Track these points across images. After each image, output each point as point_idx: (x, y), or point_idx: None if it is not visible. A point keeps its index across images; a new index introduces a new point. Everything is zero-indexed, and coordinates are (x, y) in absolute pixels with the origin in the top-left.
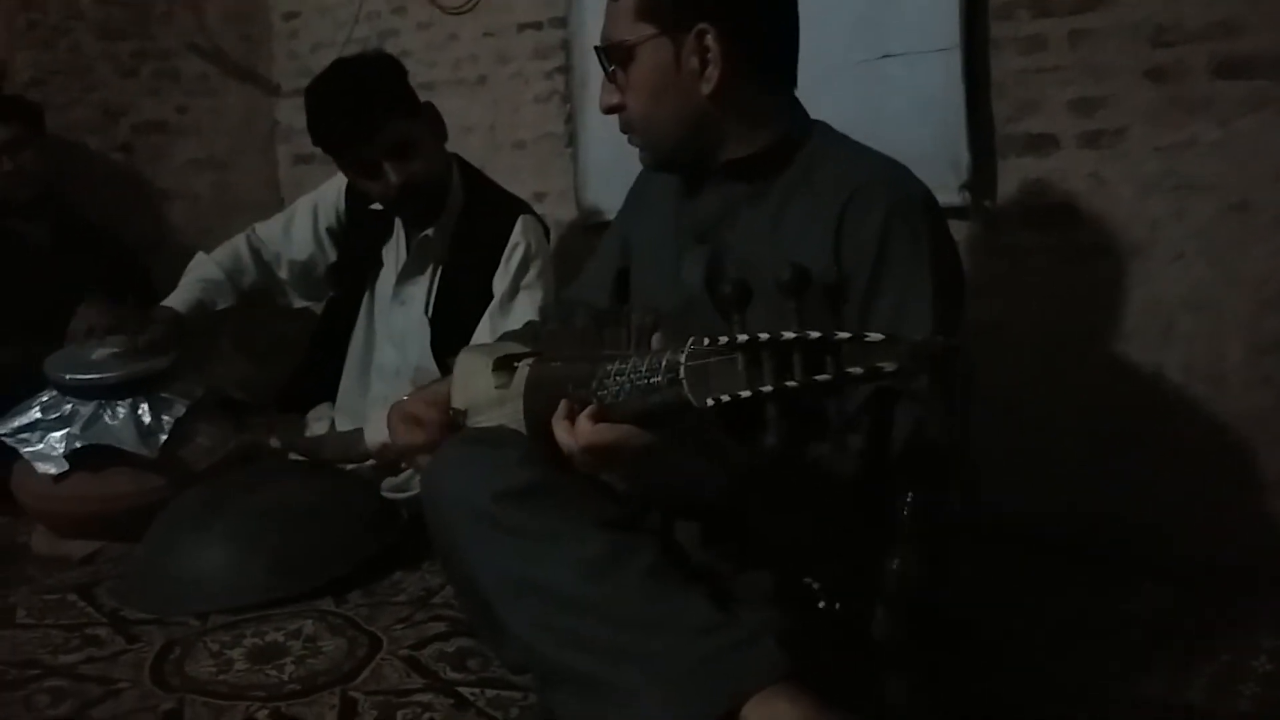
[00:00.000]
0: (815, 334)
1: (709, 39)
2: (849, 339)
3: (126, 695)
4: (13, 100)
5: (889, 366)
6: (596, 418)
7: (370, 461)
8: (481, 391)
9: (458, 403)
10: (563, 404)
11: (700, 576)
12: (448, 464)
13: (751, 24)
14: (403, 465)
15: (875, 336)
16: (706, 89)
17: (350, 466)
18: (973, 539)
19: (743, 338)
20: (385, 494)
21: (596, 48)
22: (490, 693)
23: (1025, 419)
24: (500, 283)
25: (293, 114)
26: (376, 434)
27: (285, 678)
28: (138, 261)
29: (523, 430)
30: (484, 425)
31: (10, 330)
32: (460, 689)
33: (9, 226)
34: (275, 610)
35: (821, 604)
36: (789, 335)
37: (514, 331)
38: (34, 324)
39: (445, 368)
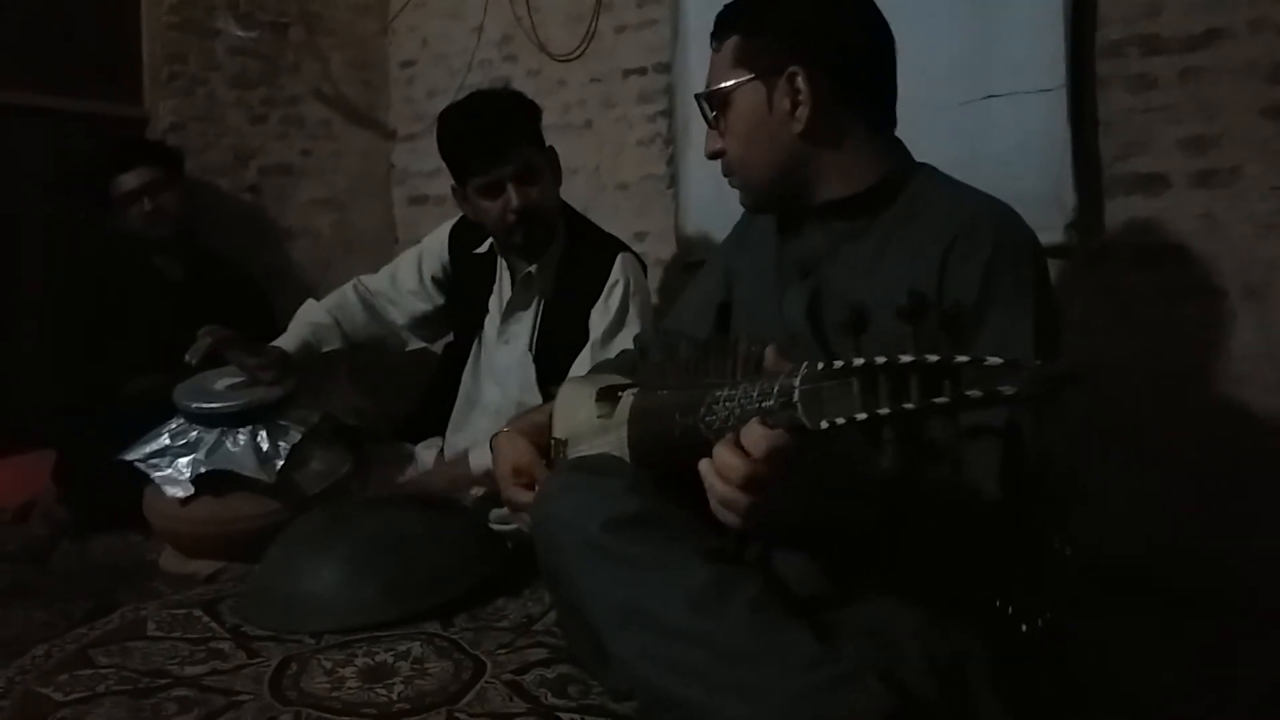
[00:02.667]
0: (933, 357)
1: (799, 80)
2: (968, 363)
3: (247, 707)
4: (155, 145)
5: (1008, 390)
6: (768, 425)
7: (476, 491)
8: (584, 421)
9: (559, 432)
10: (730, 436)
11: (801, 610)
12: (557, 491)
13: (842, 65)
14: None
15: (994, 360)
16: (797, 129)
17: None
18: (1085, 581)
19: (859, 361)
20: (493, 525)
21: (697, 95)
22: None
23: (1134, 460)
24: (600, 319)
25: (408, 157)
26: (482, 459)
27: (394, 697)
28: (263, 295)
29: (626, 459)
30: (585, 454)
31: (147, 360)
32: (561, 714)
33: (148, 262)
34: (385, 632)
35: (1025, 626)
36: (906, 358)
37: (610, 361)
38: (168, 354)
39: (546, 394)
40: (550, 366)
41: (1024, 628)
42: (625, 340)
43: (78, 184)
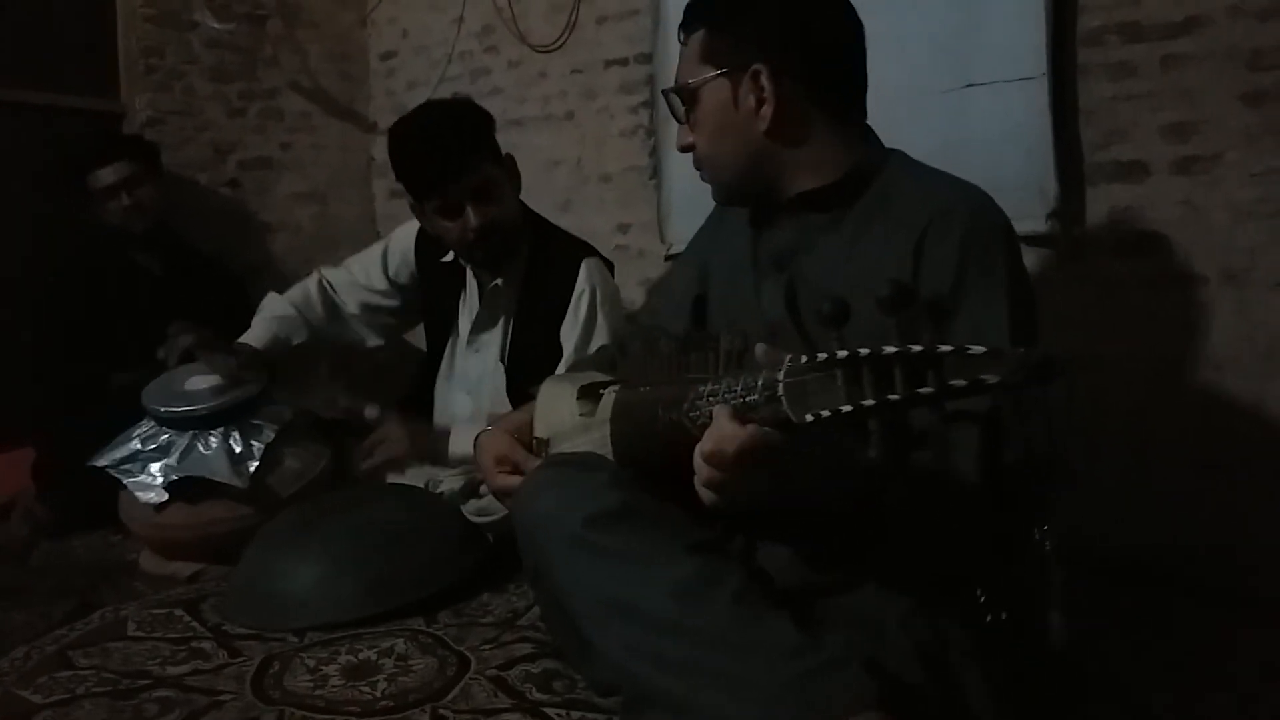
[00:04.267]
0: (917, 348)
1: (763, 78)
2: (951, 352)
3: (230, 706)
4: (132, 140)
5: (991, 379)
6: (741, 420)
7: (451, 484)
8: (565, 419)
9: (540, 431)
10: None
11: (784, 601)
12: (539, 486)
13: (805, 63)
14: (482, 491)
15: (977, 349)
16: (762, 126)
17: (440, 488)
18: (1074, 570)
19: (842, 354)
20: (471, 517)
21: (665, 91)
22: (576, 714)
23: (1119, 450)
24: (570, 331)
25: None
26: (461, 447)
27: (378, 694)
28: (242, 288)
29: (609, 455)
30: (568, 451)
31: (126, 355)
32: (546, 710)
33: (126, 257)
34: (368, 629)
35: (989, 616)
36: (890, 349)
37: (589, 357)
38: (148, 349)
39: (527, 395)
40: (521, 376)
41: (989, 618)
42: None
43: (55, 179)
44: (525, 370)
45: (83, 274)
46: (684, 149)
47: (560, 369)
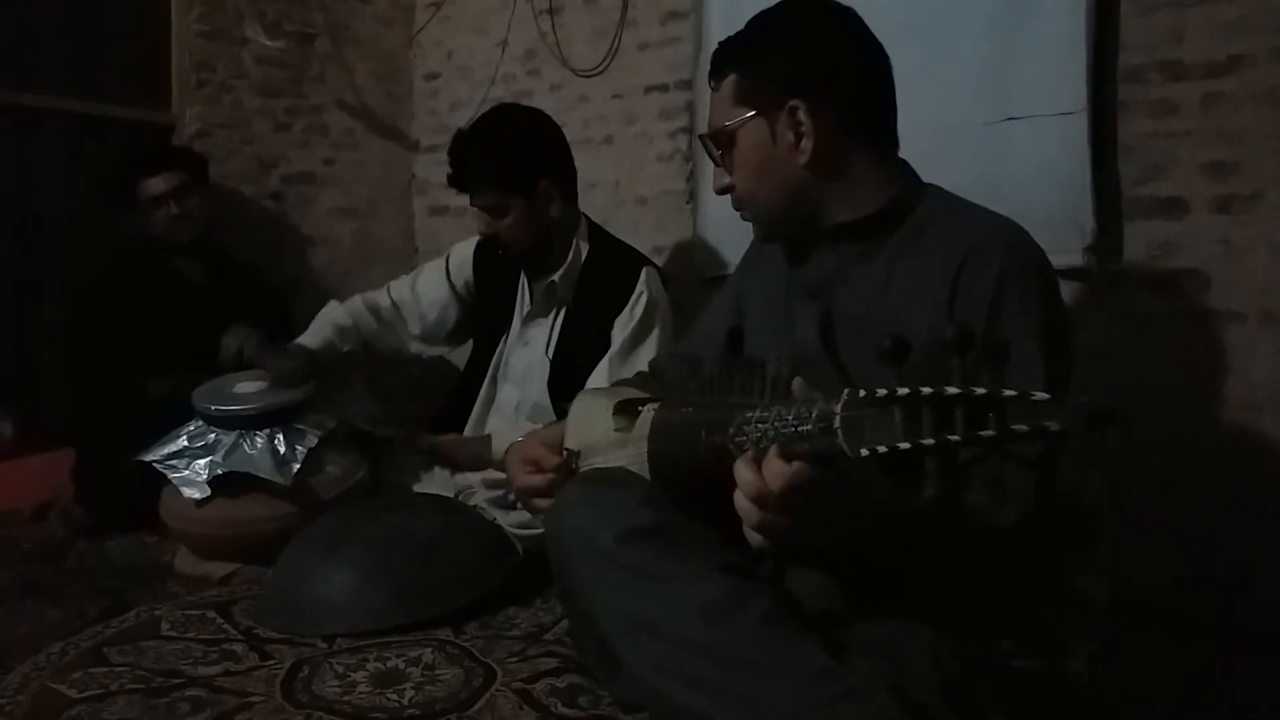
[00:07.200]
0: (980, 390)
1: (801, 113)
2: (1014, 397)
3: (259, 708)
4: (182, 151)
5: (1054, 426)
6: (788, 456)
7: (491, 490)
8: (600, 433)
9: (572, 443)
10: (750, 452)
11: (812, 626)
12: (571, 502)
13: (841, 95)
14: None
15: (1041, 395)
16: (803, 160)
17: (475, 479)
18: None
19: (903, 391)
20: (511, 529)
21: (702, 136)
22: None
23: (1148, 486)
24: (622, 330)
25: (429, 168)
26: (504, 444)
27: (405, 702)
28: (281, 300)
29: (644, 473)
30: (600, 466)
31: (168, 361)
32: None
33: (170, 265)
34: (396, 638)
35: (1017, 662)
36: (952, 390)
37: (627, 380)
38: (188, 355)
39: (560, 410)
40: (567, 369)
41: (1015, 664)
42: (646, 353)
43: (105, 187)
44: (570, 363)
45: (125, 280)
46: (721, 191)
47: (603, 363)
